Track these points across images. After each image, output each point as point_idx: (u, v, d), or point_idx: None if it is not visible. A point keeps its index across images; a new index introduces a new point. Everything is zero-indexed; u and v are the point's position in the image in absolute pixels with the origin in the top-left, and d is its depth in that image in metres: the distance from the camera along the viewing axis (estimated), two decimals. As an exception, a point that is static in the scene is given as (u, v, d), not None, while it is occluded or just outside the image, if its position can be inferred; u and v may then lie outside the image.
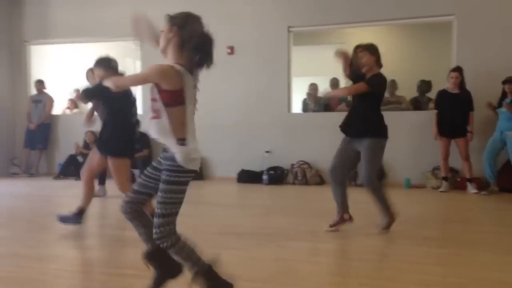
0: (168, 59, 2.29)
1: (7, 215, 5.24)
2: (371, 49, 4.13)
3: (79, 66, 10.37)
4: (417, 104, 7.84)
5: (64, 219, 4.22)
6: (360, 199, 4.58)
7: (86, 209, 4.29)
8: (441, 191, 6.74)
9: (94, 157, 4.32)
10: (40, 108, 9.04)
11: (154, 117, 2.23)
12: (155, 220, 2.24)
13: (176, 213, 2.28)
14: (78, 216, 4.22)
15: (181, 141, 2.25)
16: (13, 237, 4.11)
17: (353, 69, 4.20)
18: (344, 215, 4.17)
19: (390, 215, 4.08)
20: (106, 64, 4.36)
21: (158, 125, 2.22)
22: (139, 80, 2.46)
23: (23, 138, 9.12)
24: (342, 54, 4.21)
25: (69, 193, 6.60)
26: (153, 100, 2.23)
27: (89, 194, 4.30)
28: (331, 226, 4.15)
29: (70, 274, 3.11)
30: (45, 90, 9.12)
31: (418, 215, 5.07)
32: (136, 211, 2.42)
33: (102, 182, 6.44)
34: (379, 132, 4.14)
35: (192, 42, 2.26)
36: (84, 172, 4.35)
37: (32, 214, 5.29)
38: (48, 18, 9.11)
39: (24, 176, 8.96)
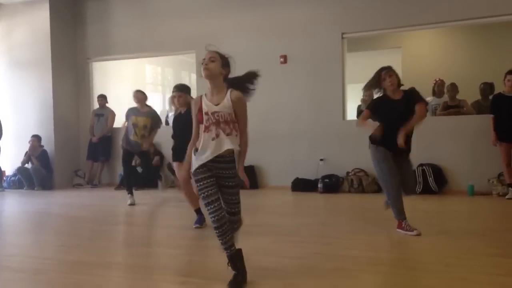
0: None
1: (72, 224, 5.48)
2: (395, 71, 4.37)
3: (138, 80, 10.82)
4: (480, 108, 7.50)
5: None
6: (420, 207, 4.41)
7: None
8: (507, 198, 6.39)
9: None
10: (102, 122, 9.43)
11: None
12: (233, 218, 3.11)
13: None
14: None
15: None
16: (78, 245, 4.28)
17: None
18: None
19: None
20: (187, 91, 5.04)
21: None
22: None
23: (86, 151, 9.54)
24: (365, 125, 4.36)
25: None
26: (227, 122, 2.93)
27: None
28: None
29: (133, 282, 3.19)
30: (107, 105, 9.52)
31: (483, 223, 4.82)
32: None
33: (130, 191, 6.77)
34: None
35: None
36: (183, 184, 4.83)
37: (96, 223, 5.50)
38: (108, 36, 9.53)
39: (87, 187, 9.36)
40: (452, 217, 5.46)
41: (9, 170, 9.50)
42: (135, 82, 10.51)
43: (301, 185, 7.80)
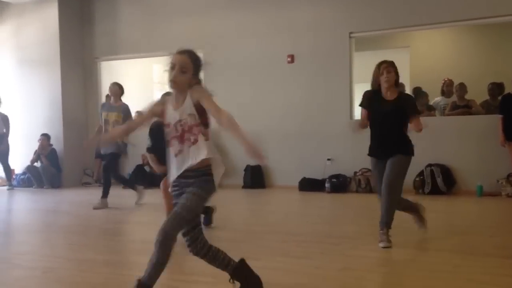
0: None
1: (81, 223, 5.52)
2: (395, 68, 4.05)
3: (146, 80, 10.85)
4: (489, 108, 7.45)
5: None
6: (428, 208, 4.40)
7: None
8: (517, 199, 6.36)
9: None
10: (110, 121, 9.46)
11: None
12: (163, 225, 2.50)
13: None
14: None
15: None
16: (87, 243, 4.32)
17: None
18: None
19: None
20: None
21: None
22: None
23: (94, 149, 9.59)
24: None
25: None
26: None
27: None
28: None
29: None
30: (114, 104, 9.55)
31: (492, 224, 4.79)
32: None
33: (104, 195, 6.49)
34: None
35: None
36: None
37: (104, 221, 5.54)
38: (116, 35, 9.57)
39: (95, 185, 9.42)
40: (461, 217, 5.44)
41: (18, 169, 9.58)
42: (142, 81, 10.55)
43: (309, 185, 7.80)
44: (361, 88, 8.43)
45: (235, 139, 2.34)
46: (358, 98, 8.31)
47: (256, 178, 8.32)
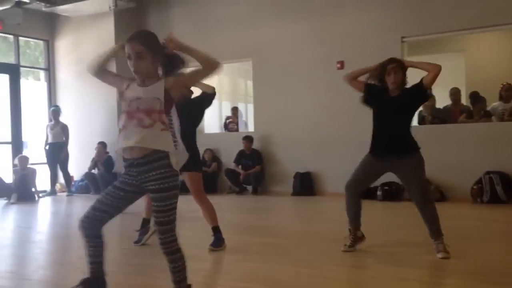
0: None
1: (136, 227, 5.67)
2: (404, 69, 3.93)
3: (196, 89, 11.07)
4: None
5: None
6: (487, 217, 4.22)
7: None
8: None
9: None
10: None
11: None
12: (160, 228, 2.35)
13: (175, 219, 2.39)
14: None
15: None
16: (141, 248, 4.43)
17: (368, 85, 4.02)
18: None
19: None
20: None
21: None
22: None
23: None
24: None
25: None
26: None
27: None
28: None
29: (195, 285, 3.26)
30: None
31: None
32: (94, 228, 2.47)
33: None
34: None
35: None
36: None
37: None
38: (168, 46, 9.84)
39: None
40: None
41: (77, 176, 10.00)
42: (193, 90, 10.76)
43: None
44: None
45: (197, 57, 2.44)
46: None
47: (305, 185, 8.28)
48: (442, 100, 8.15)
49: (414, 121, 8.17)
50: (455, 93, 8.03)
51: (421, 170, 3.82)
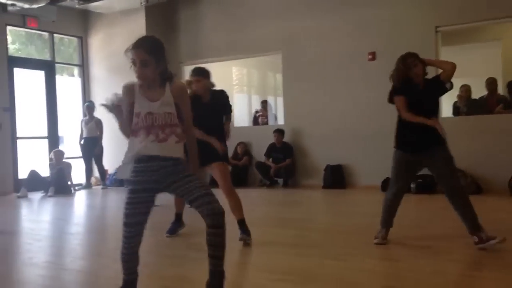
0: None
1: (170, 220, 5.76)
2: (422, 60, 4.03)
3: (225, 82, 11.12)
4: None
5: None
6: None
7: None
8: None
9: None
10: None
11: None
12: (212, 198, 2.47)
13: None
14: None
15: None
16: (173, 239, 4.49)
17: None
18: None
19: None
20: (207, 75, 4.50)
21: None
22: None
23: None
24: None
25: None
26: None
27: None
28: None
29: (230, 276, 3.29)
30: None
31: None
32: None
33: None
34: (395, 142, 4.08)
35: None
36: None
37: (194, 219, 5.73)
38: (199, 41, 9.90)
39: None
40: None
41: (111, 169, 10.21)
42: (222, 83, 10.80)
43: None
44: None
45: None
46: (445, 95, 7.99)
47: (336, 177, 8.22)
48: (478, 91, 7.94)
49: (448, 112, 8.04)
50: (491, 83, 7.80)
51: (452, 161, 3.81)
